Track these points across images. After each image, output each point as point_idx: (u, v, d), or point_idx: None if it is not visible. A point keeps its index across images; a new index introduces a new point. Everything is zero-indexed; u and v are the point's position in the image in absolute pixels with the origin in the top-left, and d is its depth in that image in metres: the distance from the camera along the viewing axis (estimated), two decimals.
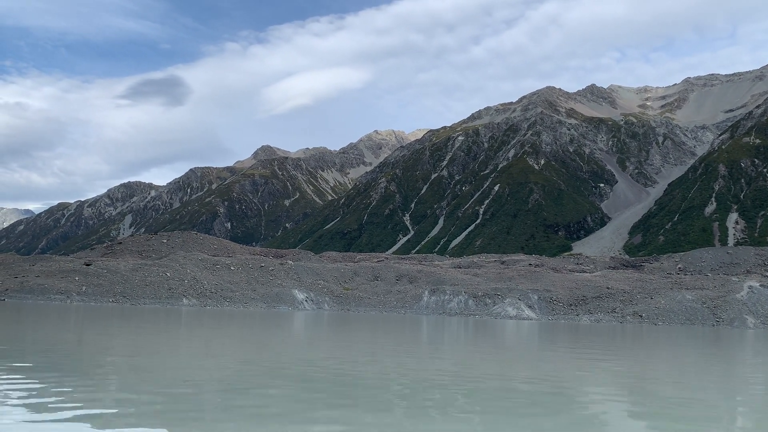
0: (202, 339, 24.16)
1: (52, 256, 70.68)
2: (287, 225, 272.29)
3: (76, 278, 50.71)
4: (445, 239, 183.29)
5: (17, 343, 19.32)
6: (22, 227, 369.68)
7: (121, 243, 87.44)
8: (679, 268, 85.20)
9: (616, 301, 62.40)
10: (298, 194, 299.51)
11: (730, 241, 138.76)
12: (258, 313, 46.69)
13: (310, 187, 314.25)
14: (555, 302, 62.11)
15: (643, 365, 20.78)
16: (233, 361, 17.50)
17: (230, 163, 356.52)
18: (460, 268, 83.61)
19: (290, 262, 71.76)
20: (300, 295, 61.65)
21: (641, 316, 58.04)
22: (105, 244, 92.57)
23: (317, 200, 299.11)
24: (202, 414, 10.06)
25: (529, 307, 59.31)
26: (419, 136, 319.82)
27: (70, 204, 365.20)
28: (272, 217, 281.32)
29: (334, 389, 12.87)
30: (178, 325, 32.05)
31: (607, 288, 65.67)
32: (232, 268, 65.26)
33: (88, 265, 54.86)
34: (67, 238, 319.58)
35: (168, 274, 55.71)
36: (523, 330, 39.98)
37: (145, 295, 50.81)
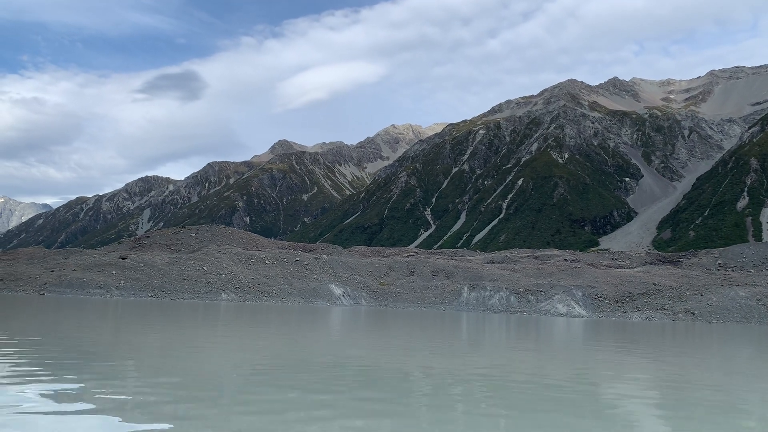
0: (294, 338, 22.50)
1: (84, 250, 69.59)
2: (306, 219, 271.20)
3: (114, 272, 49.36)
4: (467, 234, 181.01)
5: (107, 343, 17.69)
6: (41, 221, 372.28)
7: (149, 237, 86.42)
8: (719, 263, 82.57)
9: (664, 298, 60.11)
10: (316, 189, 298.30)
11: (765, 236, 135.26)
12: (302, 309, 45.04)
13: (328, 181, 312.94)
14: (601, 299, 59.95)
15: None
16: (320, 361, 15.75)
17: (246, 158, 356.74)
18: (494, 263, 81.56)
19: (324, 256, 70.14)
20: (337, 290, 60.03)
21: (693, 313, 55.78)
22: (133, 238, 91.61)
23: (335, 195, 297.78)
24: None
25: (577, 303, 57.21)
26: (436, 130, 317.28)
27: (89, 198, 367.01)
28: (290, 212, 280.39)
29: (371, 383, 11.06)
30: (245, 322, 30.39)
31: (654, 284, 63.36)
32: (267, 262, 63.74)
33: (123, 258, 53.53)
34: (86, 232, 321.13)
35: (205, 268, 54.27)
36: (585, 328, 37.96)
37: (184, 290, 49.37)
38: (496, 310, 57.74)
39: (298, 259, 66.94)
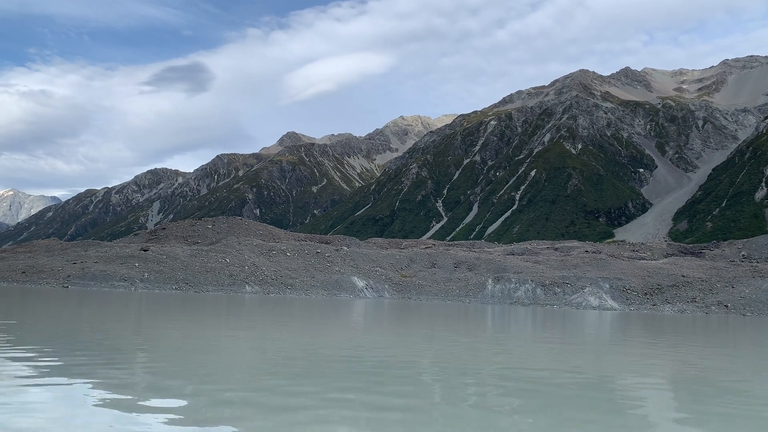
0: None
1: (102, 242, 68.85)
2: (315, 211, 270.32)
3: (136, 264, 48.53)
4: (480, 226, 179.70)
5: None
6: (50, 214, 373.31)
7: (165, 228, 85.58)
8: (743, 255, 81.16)
9: (694, 290, 58.84)
10: (325, 181, 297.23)
11: None
12: (328, 302, 44.06)
13: (338, 173, 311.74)
14: (629, 291, 58.77)
15: None
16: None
17: (255, 150, 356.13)
18: (514, 254, 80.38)
19: (345, 248, 69.18)
20: (360, 283, 59.04)
21: (726, 306, 54.52)
22: (149, 230, 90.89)
23: (345, 186, 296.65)
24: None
25: (608, 296, 56.04)
26: (445, 121, 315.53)
27: (98, 191, 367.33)
28: (300, 204, 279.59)
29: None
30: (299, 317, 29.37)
31: (683, 276, 62.08)
32: (288, 254, 62.82)
33: (145, 251, 52.70)
34: (96, 224, 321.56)
35: (227, 260, 53.39)
36: (636, 323, 36.78)
37: (207, 282, 48.50)
38: (523, 303, 56.60)
39: (319, 251, 65.99)
